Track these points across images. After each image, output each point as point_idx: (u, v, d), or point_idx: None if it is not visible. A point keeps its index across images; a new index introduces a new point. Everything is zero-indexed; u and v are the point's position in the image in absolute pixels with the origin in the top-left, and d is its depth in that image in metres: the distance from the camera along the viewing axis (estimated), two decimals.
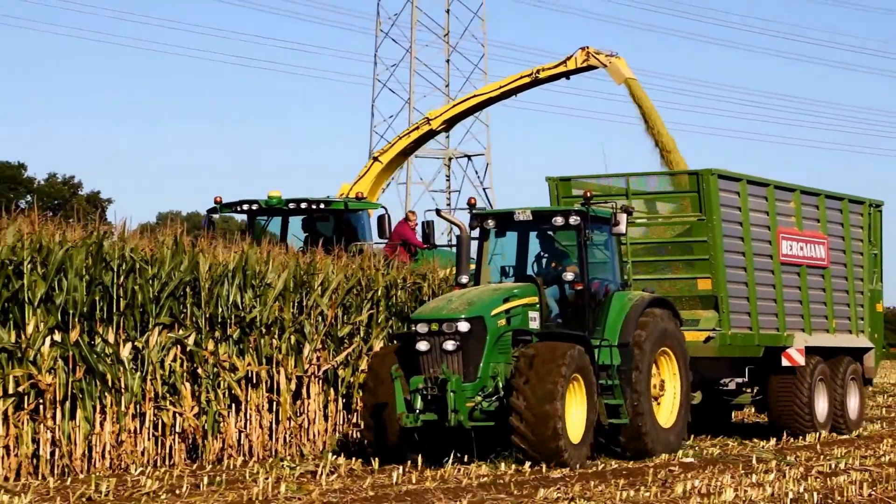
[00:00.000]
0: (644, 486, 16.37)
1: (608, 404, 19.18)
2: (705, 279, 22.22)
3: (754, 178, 23.32)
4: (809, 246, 24.36)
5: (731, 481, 16.71)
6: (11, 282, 17.44)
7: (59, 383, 17.73)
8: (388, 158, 36.32)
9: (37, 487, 16.19)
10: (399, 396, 18.22)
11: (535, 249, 20.80)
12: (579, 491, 15.84)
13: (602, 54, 35.68)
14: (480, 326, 18.59)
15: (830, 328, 24.80)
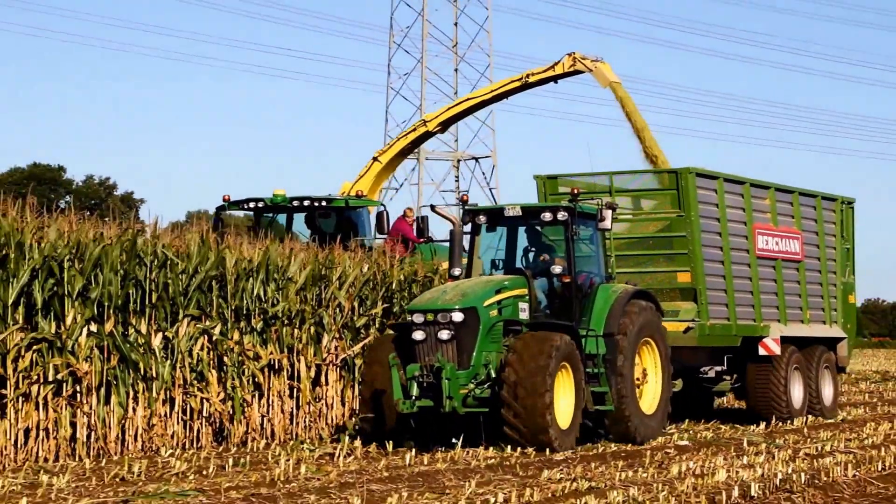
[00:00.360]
0: (642, 468, 16.74)
1: (594, 391, 19.63)
2: (685, 272, 22.65)
3: (731, 177, 23.79)
4: (784, 241, 24.81)
5: (724, 463, 17.09)
6: (53, 277, 17.83)
7: (95, 371, 18.11)
8: (387, 158, 36.64)
9: (74, 468, 16.53)
10: (396, 383, 18.68)
11: (523, 244, 21.19)
12: (581, 472, 16.19)
13: (588, 59, 36.08)
14: (473, 316, 19.05)
15: (805, 319, 25.28)
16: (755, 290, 23.91)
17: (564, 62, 36.25)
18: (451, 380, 18.55)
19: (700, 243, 22.54)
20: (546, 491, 14.41)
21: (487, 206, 21.21)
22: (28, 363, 17.37)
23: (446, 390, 18.52)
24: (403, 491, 14.18)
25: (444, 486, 14.78)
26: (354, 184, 34.90)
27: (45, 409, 17.58)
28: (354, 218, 28.22)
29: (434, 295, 19.67)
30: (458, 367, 18.87)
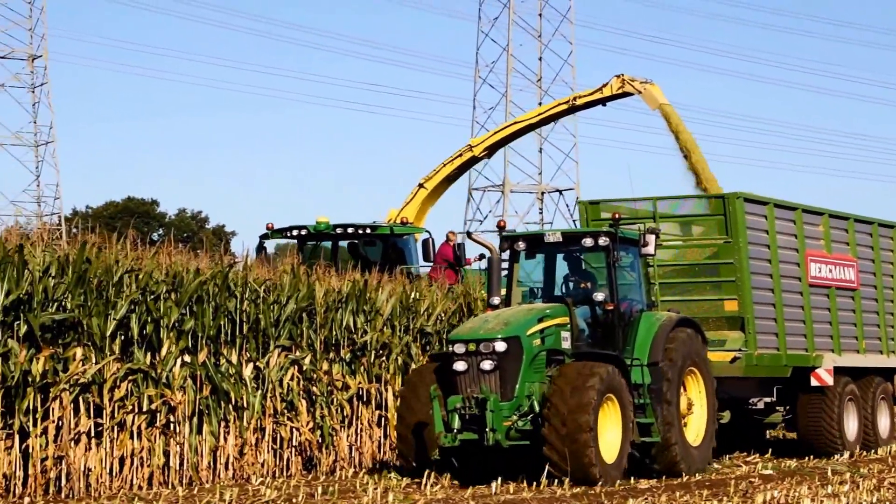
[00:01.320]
0: (726, 497, 16.56)
1: (639, 423, 18.79)
2: (732, 300, 21.64)
3: (782, 202, 22.90)
4: (839, 268, 23.76)
5: (808, 492, 16.87)
6: (149, 309, 17.98)
7: (188, 401, 18.32)
8: (432, 185, 35.49)
9: (167, 496, 16.71)
10: (437, 416, 17.94)
11: (563, 271, 20.31)
12: (665, 501, 16.08)
13: (637, 81, 34.95)
14: (517, 346, 18.24)
15: (860, 349, 24.25)
16: (807, 319, 22.92)
17: (613, 84, 35.11)
18: (495, 412, 17.70)
19: (748, 270, 21.59)
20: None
21: (526, 232, 20.78)
22: (124, 393, 17.60)
23: (490, 423, 17.66)
24: None
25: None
26: (401, 211, 34.11)
27: (139, 437, 17.81)
28: (400, 245, 27.52)
29: (476, 324, 18.91)
30: (502, 398, 18.03)
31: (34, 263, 16.79)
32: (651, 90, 34.67)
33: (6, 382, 16.25)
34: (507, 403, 17.99)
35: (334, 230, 27.06)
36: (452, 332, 19.42)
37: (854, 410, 23.27)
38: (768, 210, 22.30)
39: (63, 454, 16.77)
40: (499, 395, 17.95)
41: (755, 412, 23.29)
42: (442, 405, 18.03)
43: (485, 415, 17.69)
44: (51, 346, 16.74)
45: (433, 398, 18.01)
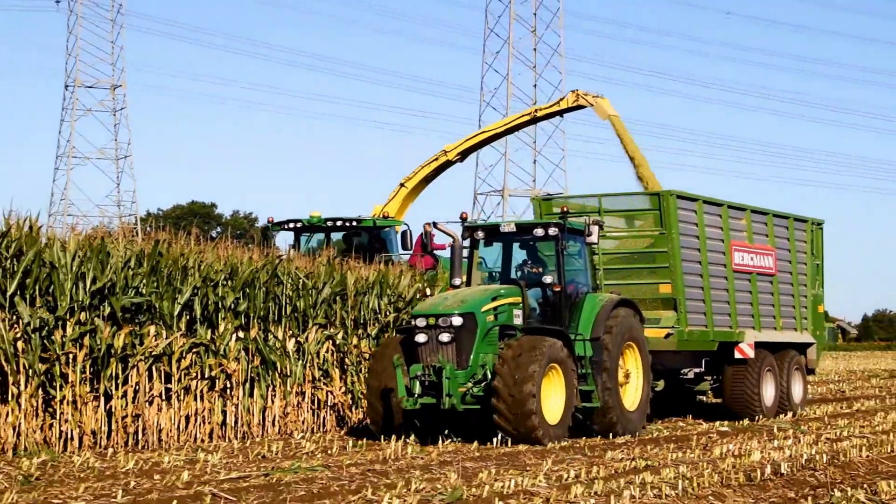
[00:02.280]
0: (689, 449, 17.06)
1: (582, 390, 18.86)
2: (666, 284, 21.89)
3: (710, 199, 22.97)
4: (759, 257, 24.04)
5: (758, 445, 17.43)
6: (209, 293, 18.88)
7: (242, 369, 19.11)
8: (412, 184, 35.98)
9: (225, 447, 17.42)
10: (400, 382, 17.92)
11: (520, 257, 20.38)
12: (639, 453, 16.58)
13: (590, 95, 35.19)
14: (472, 321, 18.24)
15: (778, 326, 24.51)
16: (731, 300, 23.09)
17: (569, 98, 35.57)
18: (450, 379, 17.78)
19: (680, 258, 21.74)
20: (610, 468, 14.78)
21: (485, 222, 20.06)
22: (188, 363, 18.30)
23: (446, 388, 17.74)
24: (492, 468, 14.59)
25: (525, 464, 15.16)
26: (384, 207, 34.13)
27: (201, 400, 18.54)
28: (383, 236, 27.82)
29: (436, 301, 18.83)
30: (457, 367, 18.05)
31: (116, 256, 17.50)
32: (601, 103, 35.02)
33: (93, 354, 16.90)
34: (462, 372, 18.00)
35: (325, 223, 27.43)
36: (415, 307, 19.25)
37: (772, 379, 23.56)
38: (698, 206, 22.40)
39: (139, 413, 17.52)
40: (455, 365, 17.96)
41: (686, 381, 23.47)
42: (405, 373, 18.00)
43: (442, 381, 17.74)
44: (129, 324, 17.48)
45: (396, 366, 17.90)
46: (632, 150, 34.32)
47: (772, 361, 23.73)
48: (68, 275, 16.72)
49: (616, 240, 22.86)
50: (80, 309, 16.87)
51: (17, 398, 16.07)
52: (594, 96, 35.44)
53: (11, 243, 16.31)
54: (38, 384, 16.28)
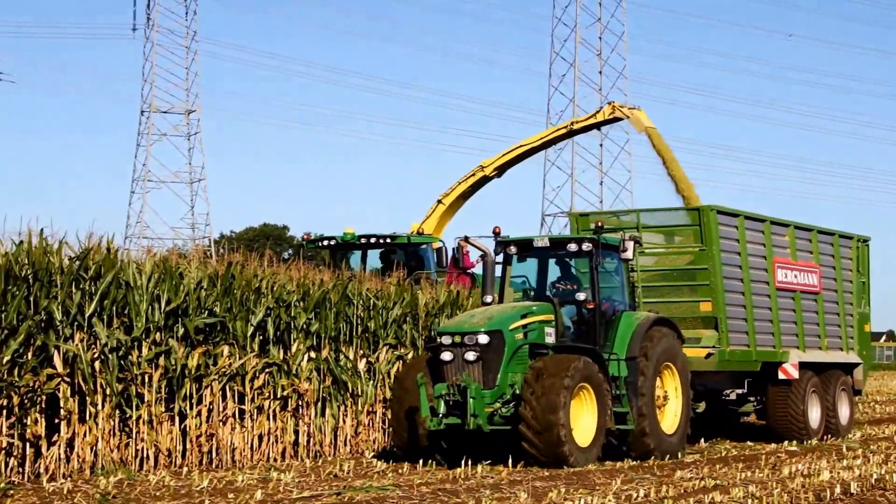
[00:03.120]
0: (758, 469, 16.65)
1: (616, 412, 17.73)
2: (706, 302, 20.77)
3: (752, 215, 21.90)
4: (803, 274, 22.88)
5: (827, 465, 16.98)
6: (281, 314, 18.65)
7: (313, 389, 18.88)
8: (449, 201, 34.54)
9: (297, 466, 17.18)
10: (424, 402, 16.81)
11: (553, 273, 19.36)
12: (708, 472, 16.23)
13: (626, 107, 33.92)
14: (499, 339, 17.19)
15: (823, 346, 23.28)
16: (774, 319, 21.90)
17: (605, 110, 34.15)
18: (476, 398, 16.68)
19: (721, 275, 20.63)
20: (679, 488, 14.43)
21: (518, 237, 19.15)
22: (262, 382, 18.13)
23: (471, 408, 16.63)
24: (562, 487, 14.27)
25: (595, 484, 14.83)
26: (421, 224, 32.89)
27: (274, 419, 18.34)
28: (421, 253, 26.68)
29: (463, 318, 17.88)
30: (484, 386, 16.98)
31: (189, 278, 17.30)
32: (638, 115, 33.47)
33: (168, 374, 16.72)
34: (488, 391, 16.92)
35: (359, 240, 26.26)
36: (441, 325, 18.27)
37: (817, 401, 22.32)
38: (739, 221, 21.26)
39: (213, 432, 17.35)
40: (481, 384, 16.88)
41: (728, 403, 22.36)
42: (429, 392, 16.90)
43: (467, 401, 16.62)
44: (203, 344, 17.28)
45: (420, 385, 16.83)
46: (669, 162, 32.94)
47: (817, 382, 22.56)
48: (144, 296, 16.63)
49: (655, 256, 21.72)
50: (156, 329, 16.78)
51: (95, 417, 15.99)
52: (630, 108, 34.15)
53: (90, 265, 16.22)
54: (114, 404, 16.21)
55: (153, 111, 71.63)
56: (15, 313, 15.02)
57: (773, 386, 21.94)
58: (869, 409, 32.78)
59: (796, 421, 21.85)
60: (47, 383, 15.47)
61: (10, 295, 15.06)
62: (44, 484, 14.70)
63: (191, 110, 72.01)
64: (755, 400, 22.48)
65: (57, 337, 15.63)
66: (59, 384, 15.65)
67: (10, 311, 14.96)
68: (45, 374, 15.46)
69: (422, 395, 16.83)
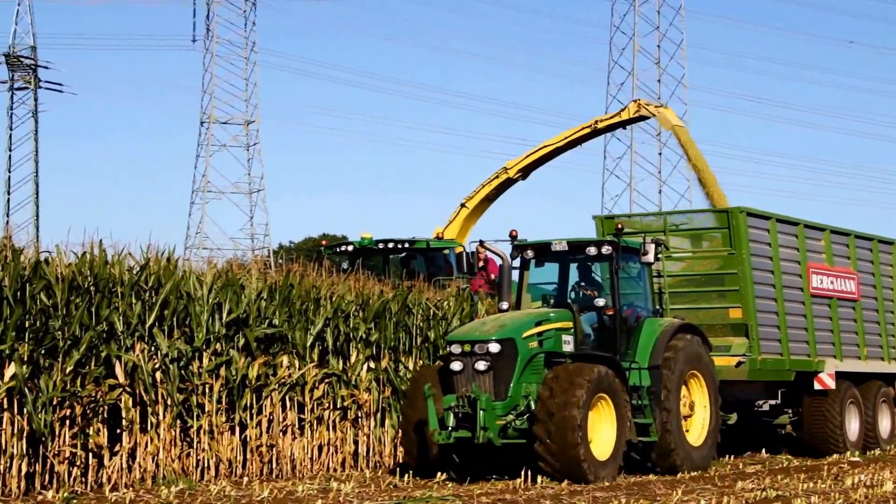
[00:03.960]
0: (820, 480, 16.14)
1: (638, 423, 16.49)
2: (736, 308, 19.47)
3: (784, 217, 20.56)
4: (840, 280, 21.50)
5: (890, 476, 16.42)
6: (340, 324, 18.29)
7: (373, 399, 18.48)
8: (473, 204, 33.30)
9: (357, 477, 16.82)
10: (432, 414, 15.56)
11: (574, 279, 18.03)
12: (769, 483, 15.74)
13: (652, 105, 32.44)
14: (511, 348, 15.87)
15: (862, 355, 21.84)
16: (809, 327, 20.55)
17: (630, 108, 32.39)
18: (486, 410, 15.39)
19: (751, 280, 19.33)
20: (741, 499, 13.94)
21: (535, 241, 17.88)
22: (321, 393, 17.84)
23: (481, 421, 15.33)
24: (622, 498, 13.80)
25: (656, 494, 14.39)
26: (445, 228, 31.28)
27: (333, 429, 18.05)
28: (439, 258, 25.46)
29: (473, 326, 16.59)
30: (495, 397, 15.66)
31: (249, 288, 17.05)
32: (665, 113, 32.07)
33: (229, 384, 16.47)
34: (500, 403, 15.62)
35: (377, 245, 25.21)
36: (451, 333, 17.09)
37: (856, 412, 21.10)
38: (771, 224, 20.03)
39: (273, 443, 17.08)
40: (492, 395, 15.61)
41: (762, 413, 20.99)
42: (438, 404, 15.69)
43: (476, 413, 15.39)
44: (263, 354, 16.97)
45: (427, 396, 15.60)
46: (697, 161, 31.32)
47: (855, 393, 21.15)
48: (204, 306, 16.38)
49: (682, 261, 20.46)
50: (216, 340, 16.52)
51: (157, 428, 15.82)
52: (657, 106, 32.64)
53: (150, 276, 16.02)
54: (175, 414, 16.00)
55: (213, 122, 71.56)
56: (77, 324, 14.89)
57: (809, 396, 20.65)
58: None
59: (833, 433, 20.58)
60: (109, 393, 15.34)
61: (73, 306, 14.93)
62: (106, 493, 14.55)
63: (250, 121, 71.89)
64: (791, 411, 21.11)
65: (118, 347, 15.49)
66: (121, 394, 15.49)
67: (72, 322, 14.84)
68: (107, 384, 15.32)
69: (430, 408, 15.59)
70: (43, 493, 14.19)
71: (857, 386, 21.36)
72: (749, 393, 20.22)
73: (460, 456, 16.11)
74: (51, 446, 14.59)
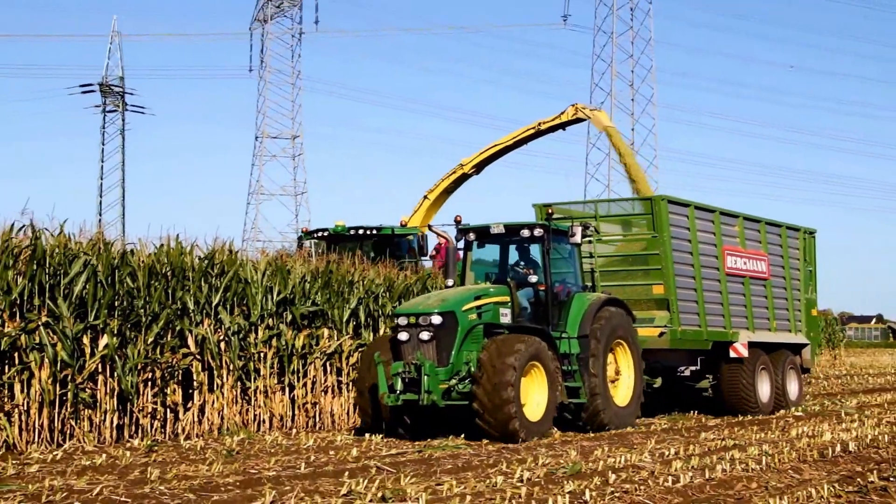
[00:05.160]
0: (770, 431, 16.86)
1: (569, 387, 16.51)
2: (658, 285, 19.31)
3: (702, 205, 20.43)
4: (752, 261, 21.37)
5: (828, 427, 17.09)
6: (370, 303, 18.90)
7: None
8: (434, 196, 32.93)
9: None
10: (381, 379, 15.45)
11: (514, 258, 17.95)
12: (727, 433, 16.38)
13: (588, 108, 31.83)
14: (452, 319, 15.76)
15: (772, 327, 21.82)
16: (724, 302, 20.39)
17: (568, 111, 31.75)
18: (430, 376, 15.26)
19: (672, 260, 19.17)
20: (704, 446, 14.62)
21: (476, 225, 17.68)
22: (355, 360, 18.39)
23: (425, 385, 15.21)
24: (605, 446, 14.54)
25: (633, 443, 15.10)
26: (410, 217, 31.10)
27: None
28: (403, 243, 25.32)
29: (419, 300, 16.37)
30: (438, 364, 15.52)
31: (296, 273, 17.89)
32: (598, 115, 31.65)
33: (279, 353, 17.21)
34: (442, 369, 15.52)
35: (348, 231, 25.09)
36: (399, 307, 16.75)
37: (767, 377, 21.05)
38: (690, 211, 19.90)
39: (316, 401, 17.75)
40: (435, 362, 15.49)
41: (684, 378, 20.94)
42: (387, 370, 15.55)
43: (421, 378, 15.30)
44: (307, 328, 17.72)
45: (377, 363, 15.53)
46: (627, 158, 31.06)
47: (767, 360, 21.16)
48: (259, 288, 17.14)
49: (613, 244, 20.29)
50: (269, 316, 17.30)
51: (221, 388, 16.58)
52: (592, 109, 32.16)
53: (215, 264, 16.87)
54: (236, 377, 16.74)
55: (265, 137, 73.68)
56: (157, 303, 15.69)
57: (726, 364, 20.64)
58: (863, 380, 33.05)
59: (747, 395, 20.58)
60: (183, 360, 16.08)
61: (152, 288, 15.72)
62: (181, 442, 15.29)
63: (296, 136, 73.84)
64: (711, 377, 21.10)
65: (190, 322, 16.24)
66: (192, 361, 16.22)
67: (153, 302, 15.63)
68: (181, 353, 16.09)
69: (380, 373, 15.51)
70: (130, 441, 14.97)
71: (768, 354, 21.37)
72: (672, 360, 20.15)
73: (411, 417, 15.97)
74: (136, 403, 15.38)
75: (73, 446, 14.21)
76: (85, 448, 14.13)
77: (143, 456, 13.54)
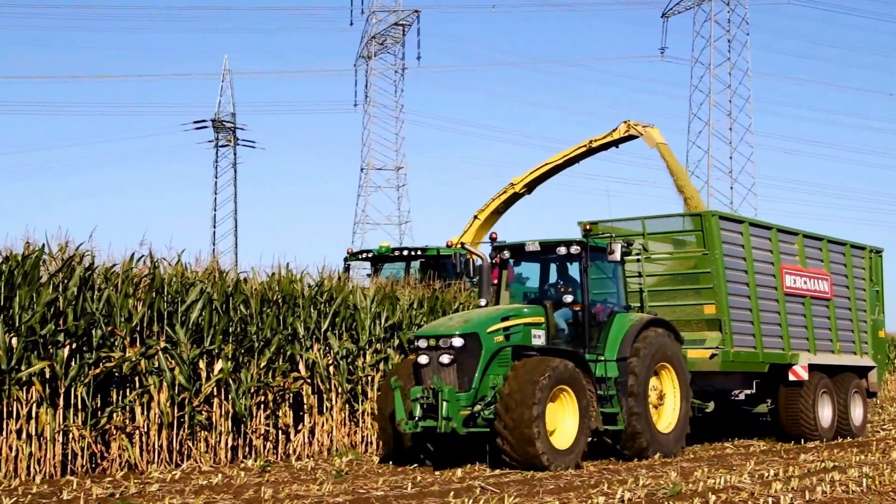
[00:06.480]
0: (870, 453, 16.21)
1: (605, 413, 14.80)
2: (710, 305, 17.87)
3: (757, 221, 19.11)
4: (813, 280, 19.79)
5: None
6: None
7: None
8: (484, 216, 31.42)
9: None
10: (399, 405, 13.98)
11: (554, 277, 16.36)
12: (827, 455, 15.71)
13: (640, 125, 30.24)
14: (475, 341, 14.17)
15: (835, 350, 20.12)
16: (783, 323, 18.82)
17: (620, 128, 30.32)
18: (449, 401, 13.65)
19: (724, 278, 17.66)
20: (804, 468, 14.08)
21: (511, 242, 16.29)
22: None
23: (444, 411, 13.63)
24: (705, 467, 14.00)
25: (732, 464, 14.54)
26: (460, 237, 29.53)
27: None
28: (449, 264, 23.49)
29: (440, 322, 14.84)
30: (459, 389, 13.92)
31: (403, 300, 17.75)
32: (650, 132, 30.17)
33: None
34: (464, 394, 13.88)
35: (392, 252, 23.96)
36: (420, 329, 15.36)
37: (829, 401, 19.39)
38: (744, 227, 18.35)
39: None
40: (456, 386, 13.87)
41: (739, 403, 19.28)
42: (405, 396, 14.07)
43: (439, 404, 13.74)
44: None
45: (394, 388, 14.06)
46: (678, 176, 29.40)
47: (829, 384, 19.40)
48: (367, 314, 16.96)
49: (662, 263, 18.68)
50: (376, 341, 17.10)
51: (330, 411, 16.40)
52: (644, 126, 30.36)
53: (324, 291, 16.68)
54: (345, 400, 16.56)
55: (370, 168, 74.48)
56: (269, 329, 15.54)
57: (784, 387, 18.97)
58: None
59: (806, 420, 18.94)
60: (293, 384, 15.93)
61: (264, 315, 15.60)
62: (292, 462, 15.12)
63: (399, 167, 74.52)
64: (769, 401, 19.38)
65: (300, 347, 16.09)
66: (303, 385, 16.08)
67: (265, 328, 15.46)
68: (292, 376, 15.92)
69: (396, 399, 13.99)
70: (244, 462, 14.85)
71: (831, 377, 19.67)
72: (725, 383, 18.57)
73: (433, 445, 14.47)
74: (249, 425, 15.28)
75: (190, 466, 14.05)
76: (202, 468, 13.95)
77: (256, 476, 13.35)
